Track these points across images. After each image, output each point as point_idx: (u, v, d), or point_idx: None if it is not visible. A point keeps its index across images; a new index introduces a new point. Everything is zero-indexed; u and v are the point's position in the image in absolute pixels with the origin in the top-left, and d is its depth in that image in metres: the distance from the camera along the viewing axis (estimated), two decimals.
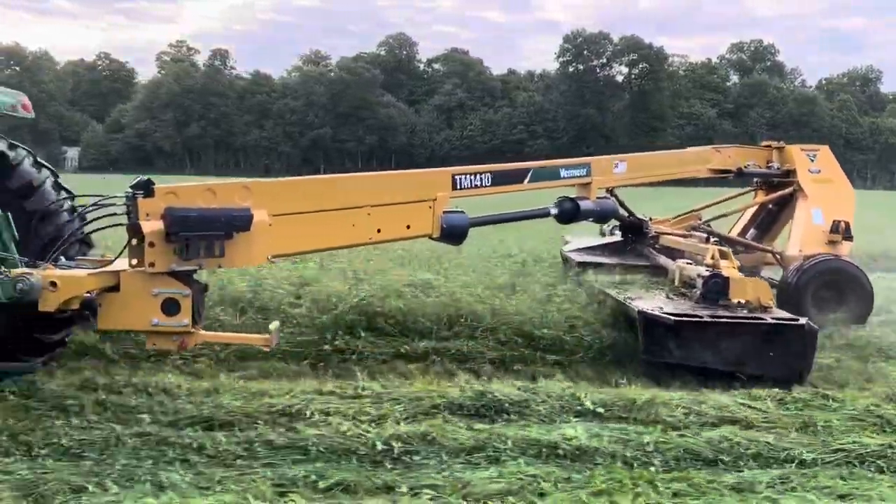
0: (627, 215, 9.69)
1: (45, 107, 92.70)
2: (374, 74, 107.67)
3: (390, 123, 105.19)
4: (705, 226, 9.93)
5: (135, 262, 4.69)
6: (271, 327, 5.01)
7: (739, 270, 7.27)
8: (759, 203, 10.15)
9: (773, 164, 9.63)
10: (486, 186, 6.34)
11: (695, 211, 10.52)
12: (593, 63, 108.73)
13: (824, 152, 9.53)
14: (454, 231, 5.98)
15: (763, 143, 10.03)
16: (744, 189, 10.81)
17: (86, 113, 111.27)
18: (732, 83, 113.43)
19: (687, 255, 8.82)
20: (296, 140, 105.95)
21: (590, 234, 11.42)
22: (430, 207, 5.86)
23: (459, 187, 6.13)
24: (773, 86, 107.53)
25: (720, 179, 9.95)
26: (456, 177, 6.12)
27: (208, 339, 5.15)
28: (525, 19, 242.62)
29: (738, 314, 6.66)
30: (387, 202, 5.63)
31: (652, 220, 9.91)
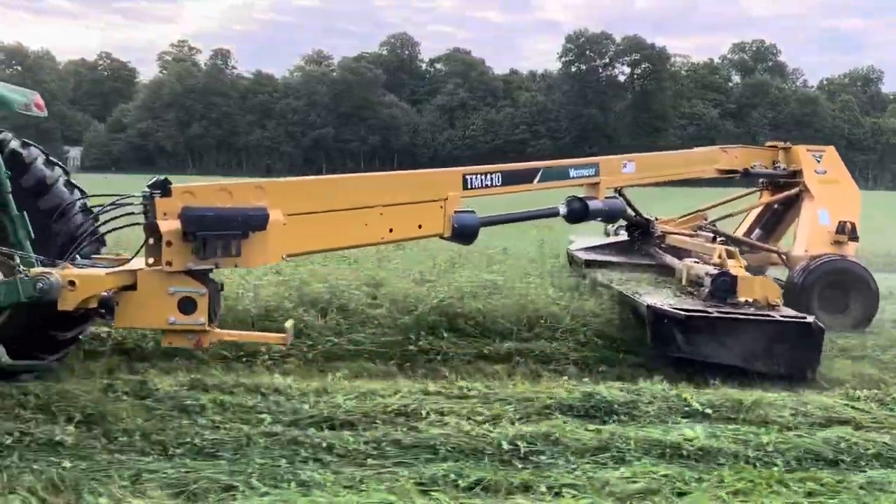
0: (634, 215, 9.73)
1: (47, 106, 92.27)
2: (377, 74, 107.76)
3: (393, 123, 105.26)
4: (711, 226, 9.99)
5: (151, 261, 4.74)
6: (287, 325, 5.06)
7: (746, 270, 7.33)
8: (765, 203, 10.19)
9: (779, 165, 9.67)
10: (497, 186, 6.37)
11: (700, 211, 10.57)
12: (596, 63, 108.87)
13: (830, 153, 9.58)
14: (465, 231, 6.01)
15: (769, 144, 10.06)
16: (749, 189, 10.84)
17: (87, 113, 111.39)
18: (734, 83, 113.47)
19: (693, 255, 8.87)
20: (298, 140, 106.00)
21: (594, 234, 11.48)
22: (442, 207, 5.88)
23: (470, 187, 6.16)
24: (775, 86, 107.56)
25: (724, 180, 9.99)
26: (467, 176, 6.15)
27: (224, 338, 5.18)
28: (524, 19, 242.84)
29: (746, 311, 6.73)
30: (399, 202, 5.66)
31: (658, 220, 9.97)
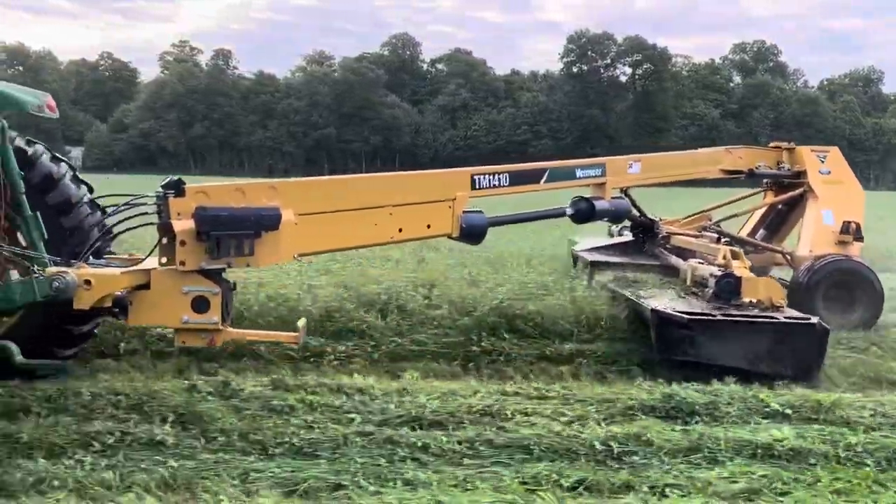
0: (639, 215, 9.77)
1: None
2: (378, 74, 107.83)
3: (394, 124, 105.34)
4: (715, 226, 10.03)
5: (164, 261, 4.79)
6: (299, 324, 5.10)
7: (750, 270, 7.37)
8: (769, 204, 10.23)
9: (784, 166, 9.68)
10: (504, 186, 6.39)
11: (705, 211, 10.61)
12: (597, 64, 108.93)
13: (834, 154, 9.60)
14: (473, 231, 6.05)
15: (773, 145, 10.07)
16: (754, 190, 10.88)
17: (89, 113, 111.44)
18: (735, 84, 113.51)
19: (698, 255, 8.91)
20: (300, 140, 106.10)
21: (597, 235, 11.51)
22: (450, 207, 5.92)
23: (478, 187, 6.19)
24: (777, 87, 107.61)
25: (726, 180, 10.02)
26: (475, 177, 6.18)
27: (236, 337, 5.23)
28: (523, 20, 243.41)
29: (751, 313, 6.76)
30: (408, 202, 5.70)
31: (662, 221, 10.01)
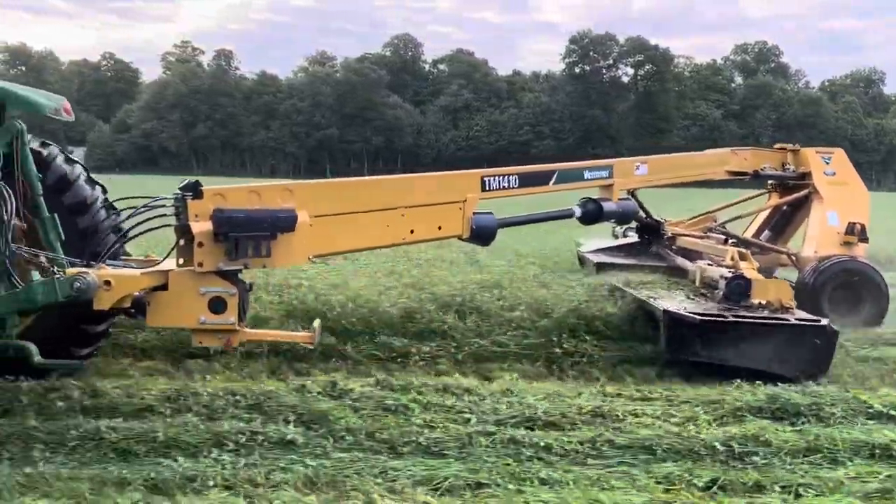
0: (644, 217, 9.84)
1: None
2: (381, 75, 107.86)
3: (397, 124, 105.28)
4: (721, 227, 10.10)
5: (182, 262, 4.85)
6: (315, 325, 5.17)
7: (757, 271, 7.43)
8: (774, 205, 10.29)
9: (789, 167, 9.76)
10: (514, 188, 6.43)
11: (710, 213, 10.68)
12: (599, 64, 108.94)
13: (839, 155, 9.67)
14: (483, 232, 6.08)
15: (778, 146, 10.14)
16: (759, 191, 10.94)
17: (91, 113, 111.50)
18: (737, 85, 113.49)
19: (705, 257, 8.98)
20: (302, 141, 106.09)
21: (601, 236, 11.58)
22: (461, 209, 5.96)
23: (488, 189, 6.22)
24: (779, 87, 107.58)
25: (729, 182, 10.08)
26: (485, 178, 6.22)
27: (252, 338, 5.29)
28: (522, 20, 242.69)
29: (762, 315, 6.82)
30: (419, 203, 5.75)
31: (667, 222, 10.07)
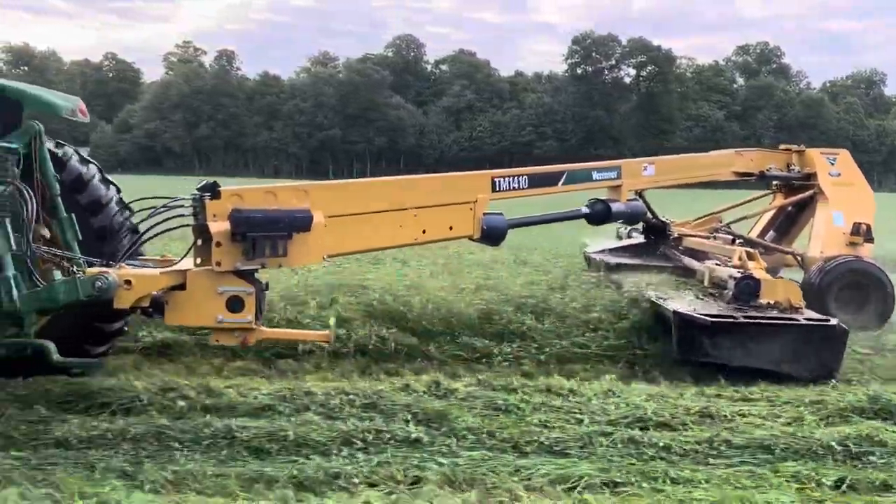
0: (651, 217, 9.89)
1: None
2: (383, 76, 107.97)
3: (399, 125, 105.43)
4: (726, 228, 10.15)
5: (199, 261, 4.92)
6: (330, 322, 5.24)
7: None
8: (779, 206, 10.34)
9: (794, 168, 9.77)
10: (524, 189, 6.48)
11: (715, 213, 10.73)
12: (602, 65, 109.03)
13: (844, 156, 9.70)
14: (493, 232, 6.14)
15: (783, 147, 10.17)
16: (763, 192, 10.98)
17: (93, 113, 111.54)
18: (739, 85, 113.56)
19: (711, 257, 9.03)
20: (305, 141, 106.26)
21: (606, 237, 11.63)
22: (471, 209, 6.01)
23: (498, 189, 6.28)
24: (781, 88, 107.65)
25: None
26: (495, 179, 6.27)
27: (269, 336, 5.36)
28: (521, 20, 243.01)
29: (771, 315, 6.88)
30: (431, 204, 5.81)
31: (672, 223, 10.12)
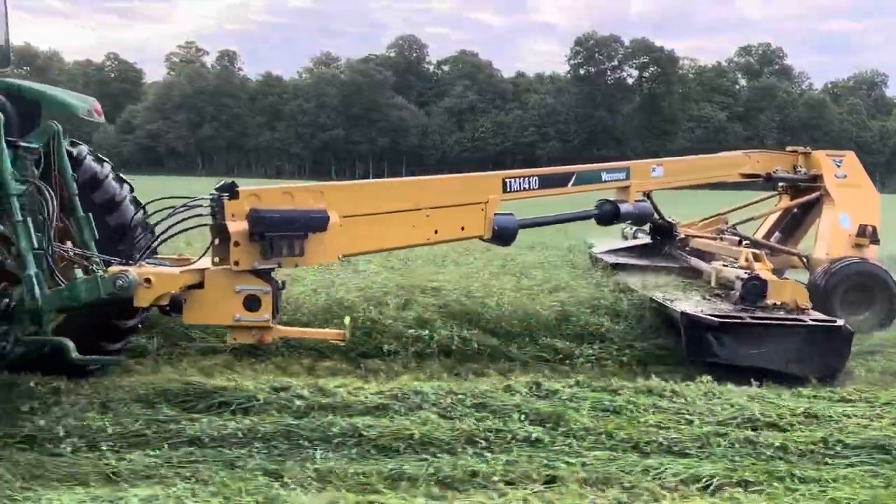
0: (658, 218, 9.94)
1: None
2: (386, 76, 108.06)
3: (402, 125, 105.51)
4: (732, 229, 10.22)
5: (217, 260, 4.98)
6: (345, 322, 5.30)
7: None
8: (785, 207, 10.39)
9: (800, 170, 9.82)
10: (534, 189, 6.53)
11: (721, 214, 10.80)
12: (604, 66, 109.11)
13: (850, 158, 9.76)
14: (504, 233, 6.17)
15: (789, 149, 10.24)
16: (768, 193, 11.04)
17: None
18: (741, 86, 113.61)
19: (718, 258, 9.09)
20: (307, 142, 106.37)
21: (611, 237, 11.70)
22: (483, 210, 6.04)
23: (509, 190, 6.31)
24: (783, 89, 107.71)
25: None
26: (506, 180, 6.30)
27: (285, 334, 5.41)
28: (520, 21, 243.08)
29: (778, 316, 6.94)
30: (443, 204, 5.84)
31: (679, 224, 10.18)
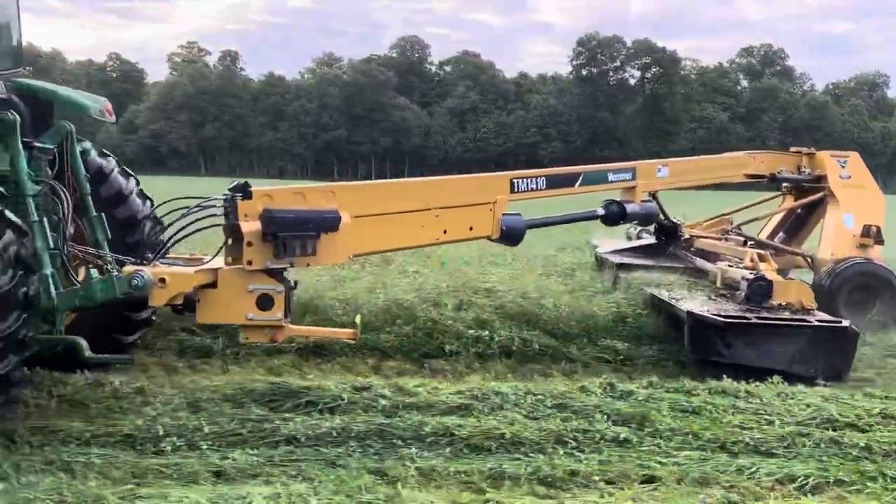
0: (663, 218, 9.98)
1: None
2: (388, 77, 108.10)
3: (404, 126, 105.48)
4: (737, 229, 10.25)
5: (230, 260, 5.04)
6: (356, 321, 5.35)
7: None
8: (789, 208, 10.43)
9: (805, 170, 9.84)
10: (542, 189, 6.60)
11: (725, 215, 10.83)
12: (606, 67, 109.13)
13: (854, 159, 9.78)
14: (512, 233, 6.23)
15: (793, 150, 10.26)
16: (773, 194, 11.08)
17: None
18: (742, 87, 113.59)
19: (722, 258, 9.13)
20: (310, 142, 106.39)
21: (615, 237, 11.74)
22: (491, 210, 6.10)
23: (517, 190, 6.38)
24: (785, 90, 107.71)
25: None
26: (514, 180, 6.37)
27: (296, 333, 5.47)
28: (519, 21, 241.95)
29: (784, 316, 7.00)
30: (452, 205, 5.91)
31: (684, 224, 10.22)
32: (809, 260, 9.62)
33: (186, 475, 4.25)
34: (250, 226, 4.90)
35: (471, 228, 6.07)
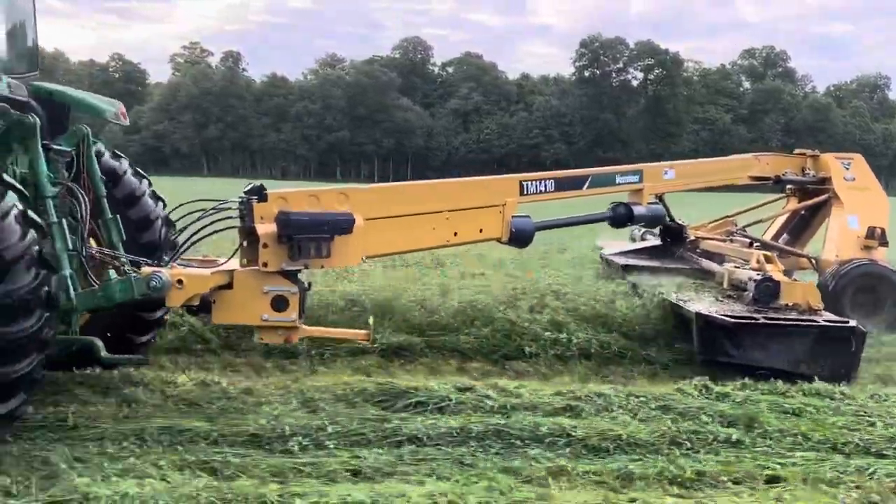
0: (668, 220, 10.02)
1: None
2: (391, 77, 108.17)
3: (407, 127, 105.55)
4: (742, 231, 10.30)
5: (245, 262, 5.11)
6: (369, 322, 5.42)
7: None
8: (793, 209, 10.48)
9: (809, 172, 9.90)
10: (550, 192, 6.68)
11: (730, 216, 10.89)
12: (609, 68, 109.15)
13: (858, 161, 9.83)
14: (521, 235, 6.31)
15: (797, 152, 10.31)
16: (776, 195, 11.13)
17: None
18: (745, 89, 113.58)
19: (728, 260, 9.18)
20: (313, 143, 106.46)
21: (619, 239, 11.79)
22: (501, 212, 6.19)
23: (526, 193, 6.46)
24: (787, 92, 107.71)
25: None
26: (523, 183, 6.46)
27: (311, 334, 5.54)
28: (518, 22, 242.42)
29: (791, 317, 7.05)
30: (462, 207, 5.99)
31: (689, 226, 10.27)
32: (814, 262, 9.67)
33: (325, 474, 4.29)
34: (266, 228, 4.97)
35: (481, 230, 6.15)
